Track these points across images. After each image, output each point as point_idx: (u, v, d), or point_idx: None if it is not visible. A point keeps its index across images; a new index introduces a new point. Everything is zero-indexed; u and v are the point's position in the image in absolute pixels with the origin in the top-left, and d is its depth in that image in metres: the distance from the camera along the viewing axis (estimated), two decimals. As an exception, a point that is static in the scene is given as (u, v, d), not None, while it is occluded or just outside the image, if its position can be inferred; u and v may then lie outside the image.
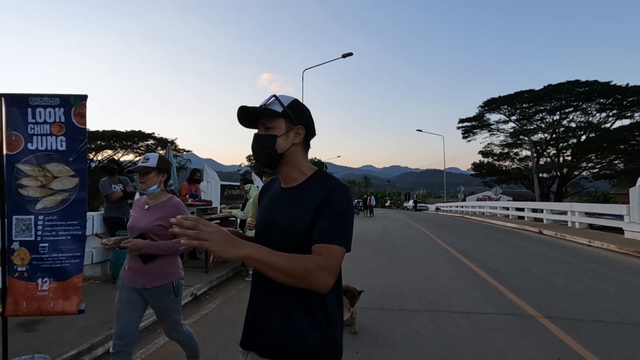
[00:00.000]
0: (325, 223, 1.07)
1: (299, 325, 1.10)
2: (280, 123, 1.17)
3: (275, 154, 1.17)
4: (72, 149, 2.71)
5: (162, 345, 3.30)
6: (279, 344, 1.11)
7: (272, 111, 1.16)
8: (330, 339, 1.12)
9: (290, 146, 1.18)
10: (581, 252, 8.96)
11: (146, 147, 31.86)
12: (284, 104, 1.18)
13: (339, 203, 1.10)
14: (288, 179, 1.22)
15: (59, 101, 2.70)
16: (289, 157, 1.19)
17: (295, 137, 1.19)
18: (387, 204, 69.87)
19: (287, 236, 1.12)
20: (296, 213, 1.13)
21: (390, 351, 3.22)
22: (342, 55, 19.36)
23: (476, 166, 36.06)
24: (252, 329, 1.19)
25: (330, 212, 1.08)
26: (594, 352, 3.14)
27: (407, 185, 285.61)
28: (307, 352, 1.09)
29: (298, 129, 1.19)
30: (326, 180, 1.17)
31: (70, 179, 2.71)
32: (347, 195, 1.13)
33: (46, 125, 2.69)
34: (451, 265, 7.10)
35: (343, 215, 1.09)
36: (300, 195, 1.17)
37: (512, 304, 4.55)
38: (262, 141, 1.17)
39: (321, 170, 1.23)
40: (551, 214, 16.42)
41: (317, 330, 1.10)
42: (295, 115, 1.18)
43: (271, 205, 1.24)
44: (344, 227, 1.08)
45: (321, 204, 1.10)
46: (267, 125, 1.18)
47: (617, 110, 27.94)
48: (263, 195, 1.35)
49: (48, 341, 3.13)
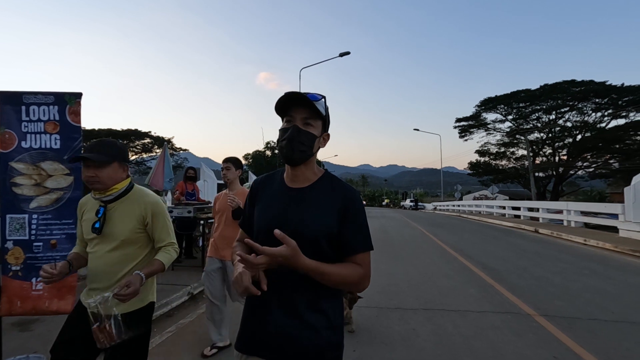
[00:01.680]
0: (355, 231, 1.14)
1: (310, 324, 1.09)
2: (319, 125, 1.18)
3: (310, 153, 1.17)
4: (67, 147, 2.68)
5: (158, 344, 3.27)
6: (286, 346, 1.09)
7: (318, 111, 1.15)
8: (338, 341, 1.14)
9: (318, 149, 1.21)
10: (577, 251, 9.01)
11: (142, 145, 31.71)
12: (325, 108, 1.18)
13: (360, 209, 1.17)
14: (302, 178, 1.20)
15: (53, 99, 2.67)
16: (311, 160, 1.21)
17: (323, 142, 1.22)
18: (384, 203, 69.92)
19: (303, 234, 1.10)
20: (313, 214, 1.13)
21: (387, 350, 3.22)
22: (340, 54, 19.34)
23: (473, 165, 36.22)
24: (254, 330, 1.15)
25: (356, 220, 1.15)
26: (589, 351, 3.15)
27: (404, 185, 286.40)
28: (315, 353, 1.09)
29: (326, 136, 1.22)
30: (339, 184, 1.20)
31: (65, 178, 2.69)
32: (361, 199, 1.21)
33: (40, 123, 2.67)
34: (448, 264, 7.12)
35: (364, 219, 1.18)
36: (317, 197, 1.16)
37: (508, 303, 4.56)
38: (303, 137, 1.13)
39: (328, 172, 1.25)
40: (547, 213, 16.52)
41: (328, 330, 1.11)
42: (328, 122, 1.22)
43: (279, 206, 1.18)
44: (367, 232, 1.18)
45: (344, 210, 1.14)
46: (308, 122, 1.15)
47: (613, 109, 28.14)
48: (259, 192, 1.28)
49: (43, 340, 3.10)
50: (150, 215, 1.74)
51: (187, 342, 3.33)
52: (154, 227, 1.76)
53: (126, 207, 1.73)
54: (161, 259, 1.73)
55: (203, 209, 6.53)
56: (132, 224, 1.71)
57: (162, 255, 1.74)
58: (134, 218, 1.72)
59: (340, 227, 1.13)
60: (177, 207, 6.18)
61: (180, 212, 6.01)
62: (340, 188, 1.18)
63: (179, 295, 4.45)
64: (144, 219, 1.74)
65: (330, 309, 1.13)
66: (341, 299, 1.23)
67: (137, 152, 32.02)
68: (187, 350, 3.17)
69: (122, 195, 1.73)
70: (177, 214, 6.01)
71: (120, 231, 1.69)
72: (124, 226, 1.70)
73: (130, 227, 1.71)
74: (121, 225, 1.70)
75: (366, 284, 1.16)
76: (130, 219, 1.72)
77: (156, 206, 1.77)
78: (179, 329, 3.68)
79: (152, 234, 1.77)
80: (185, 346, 3.25)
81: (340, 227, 1.13)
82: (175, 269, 5.71)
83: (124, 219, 1.70)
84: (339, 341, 1.15)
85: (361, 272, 1.13)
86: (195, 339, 3.41)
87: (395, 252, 8.72)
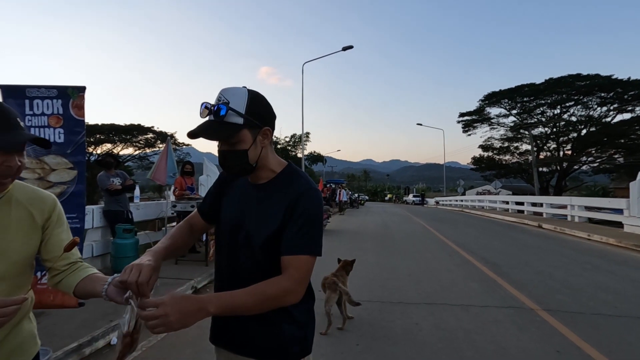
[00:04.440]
0: (293, 232, 1.03)
1: (268, 321, 1.08)
2: (244, 134, 1.02)
3: (250, 167, 1.07)
4: (70, 141, 2.69)
5: (162, 338, 3.31)
6: (248, 340, 1.10)
7: (230, 127, 1.00)
8: (301, 335, 1.12)
9: (261, 151, 1.08)
10: (580, 246, 8.98)
11: (145, 140, 31.75)
12: (241, 111, 1.00)
13: (307, 208, 1.04)
14: (258, 177, 1.14)
15: (56, 93, 2.67)
16: (260, 161, 1.10)
17: (264, 140, 1.08)
18: (387, 198, 69.80)
19: (253, 239, 1.08)
20: (263, 216, 1.08)
21: (390, 343, 3.23)
22: (343, 48, 19.23)
23: (476, 160, 36.06)
24: (220, 325, 1.16)
25: (299, 219, 1.03)
26: (593, 345, 3.15)
27: (406, 179, 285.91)
28: (277, 346, 1.09)
29: (265, 131, 1.08)
30: (295, 181, 1.10)
31: (69, 172, 2.70)
32: (316, 200, 1.08)
33: (44, 117, 2.67)
34: (450, 259, 7.12)
35: (312, 221, 1.04)
36: (269, 196, 1.10)
37: (511, 297, 4.56)
38: (231, 159, 1.06)
39: (291, 166, 1.16)
40: (551, 208, 16.45)
41: (287, 324, 1.09)
42: (257, 117, 1.04)
43: (239, 203, 1.15)
44: (313, 235, 1.04)
45: (290, 209, 1.04)
46: (229, 141, 1.03)
47: (618, 104, 27.88)
48: (228, 184, 1.22)
49: (49, 333, 3.13)
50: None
51: (191, 335, 3.36)
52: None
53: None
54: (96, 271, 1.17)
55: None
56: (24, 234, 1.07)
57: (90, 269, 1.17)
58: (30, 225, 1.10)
59: (282, 226, 1.04)
60: (180, 202, 6.37)
61: (183, 207, 6.12)
62: (294, 184, 1.08)
63: (182, 289, 4.48)
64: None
65: (292, 306, 1.07)
66: (311, 295, 1.17)
67: (140, 147, 32.08)
68: (190, 342, 3.20)
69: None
70: (180, 209, 6.15)
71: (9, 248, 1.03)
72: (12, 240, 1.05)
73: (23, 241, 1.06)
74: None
75: (293, 297, 1.01)
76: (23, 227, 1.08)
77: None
78: (183, 322, 3.71)
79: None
80: (188, 339, 3.28)
81: (282, 226, 1.04)
82: (179, 263, 5.75)
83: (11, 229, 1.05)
84: (303, 335, 1.12)
85: (282, 285, 0.99)
86: (199, 332, 3.44)
87: (397, 246, 8.73)
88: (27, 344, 1.13)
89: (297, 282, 1.01)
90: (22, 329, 1.10)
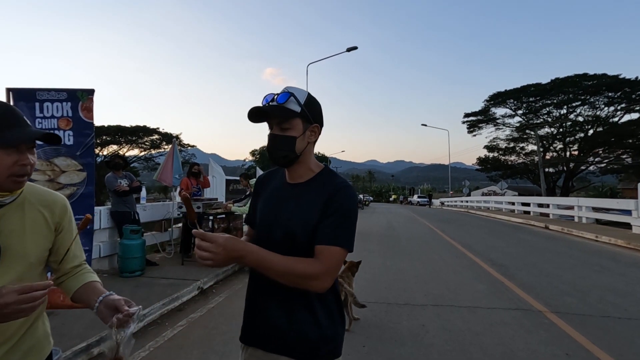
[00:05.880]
0: (329, 224, 1.08)
1: (299, 320, 1.11)
2: (297, 123, 1.12)
3: (294, 156, 1.14)
4: (80, 143, 2.72)
5: (170, 339, 3.33)
6: (279, 339, 1.13)
7: (289, 112, 1.11)
8: (331, 334, 1.14)
9: (307, 145, 1.16)
10: (588, 247, 8.89)
11: (151, 142, 31.97)
12: (300, 102, 1.12)
13: (343, 204, 1.10)
14: (297, 175, 1.19)
15: (66, 95, 2.70)
16: (303, 156, 1.16)
17: (312, 136, 1.17)
18: (392, 199, 69.56)
19: (291, 235, 1.11)
20: (302, 212, 1.12)
21: (396, 345, 3.22)
22: (347, 49, 19.22)
23: (481, 161, 35.81)
24: (252, 323, 1.20)
25: (335, 213, 1.09)
26: (602, 348, 3.11)
27: (411, 180, 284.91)
28: (308, 347, 1.11)
29: (314, 128, 1.16)
30: (332, 179, 1.16)
31: (78, 173, 2.72)
32: (352, 195, 1.14)
33: (54, 119, 2.70)
34: (457, 260, 7.08)
35: (347, 216, 1.10)
36: (307, 193, 1.15)
37: (518, 299, 4.52)
38: (280, 143, 1.12)
39: (327, 168, 1.22)
40: (557, 209, 16.31)
41: (317, 326, 1.12)
42: (311, 113, 1.14)
43: (275, 201, 1.20)
44: (347, 228, 1.09)
45: (326, 204, 1.10)
46: (283, 126, 1.12)
47: (626, 103, 27.54)
48: (262, 187, 1.30)
49: (58, 334, 3.16)
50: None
51: (198, 336, 3.38)
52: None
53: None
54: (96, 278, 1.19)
55: (212, 205, 6.60)
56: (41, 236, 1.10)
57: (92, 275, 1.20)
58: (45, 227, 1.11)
59: (319, 220, 1.09)
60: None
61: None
62: (330, 183, 1.14)
63: (189, 290, 4.50)
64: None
65: (321, 307, 1.13)
66: (339, 294, 1.22)
67: (146, 148, 32.30)
68: (197, 343, 3.21)
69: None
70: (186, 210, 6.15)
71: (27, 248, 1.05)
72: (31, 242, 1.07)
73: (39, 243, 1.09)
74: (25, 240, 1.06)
75: (321, 282, 1.05)
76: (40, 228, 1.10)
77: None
78: (190, 323, 3.72)
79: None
80: (195, 340, 3.29)
81: (319, 220, 1.09)
82: (186, 264, 5.78)
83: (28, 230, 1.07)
84: (334, 334, 1.15)
85: (315, 266, 1.04)
86: (206, 332, 3.46)
87: (403, 248, 8.70)
88: (42, 344, 1.14)
89: (324, 271, 1.05)
90: (37, 328, 1.12)
